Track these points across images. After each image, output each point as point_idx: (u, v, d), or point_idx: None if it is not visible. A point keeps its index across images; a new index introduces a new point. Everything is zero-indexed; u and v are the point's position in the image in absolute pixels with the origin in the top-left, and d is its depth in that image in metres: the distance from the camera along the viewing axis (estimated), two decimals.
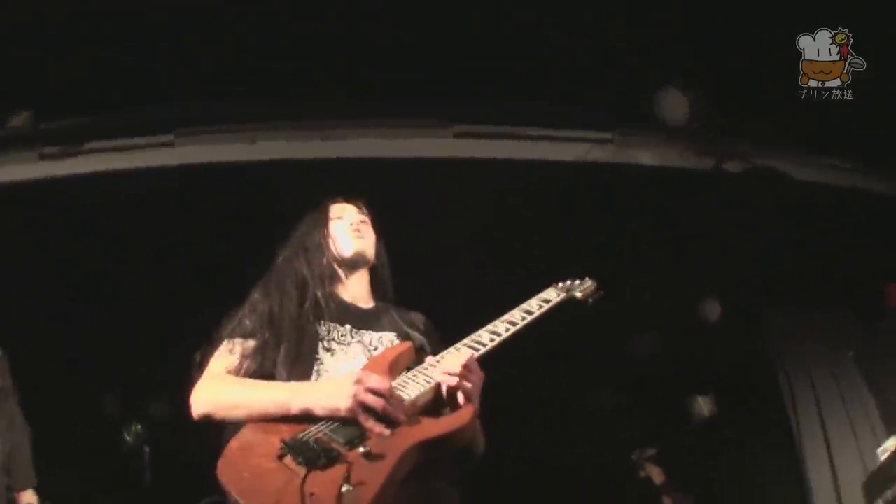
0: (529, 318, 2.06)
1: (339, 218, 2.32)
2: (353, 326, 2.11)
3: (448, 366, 1.82)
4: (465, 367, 1.80)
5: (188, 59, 4.12)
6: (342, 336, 2.08)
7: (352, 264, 2.24)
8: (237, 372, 1.98)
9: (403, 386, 1.82)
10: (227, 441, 1.75)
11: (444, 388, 1.80)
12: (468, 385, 1.78)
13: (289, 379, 1.94)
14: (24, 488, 3.84)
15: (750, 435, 5.25)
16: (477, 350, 1.90)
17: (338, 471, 1.57)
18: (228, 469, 1.66)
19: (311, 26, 3.85)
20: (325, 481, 1.55)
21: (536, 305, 2.12)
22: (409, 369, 1.93)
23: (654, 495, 5.20)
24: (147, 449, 4.58)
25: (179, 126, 4.37)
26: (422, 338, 2.13)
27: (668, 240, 4.56)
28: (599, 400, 5.35)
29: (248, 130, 4.31)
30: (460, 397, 1.79)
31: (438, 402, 1.82)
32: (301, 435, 1.69)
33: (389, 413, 1.69)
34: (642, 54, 4.11)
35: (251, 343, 2.03)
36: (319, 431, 1.69)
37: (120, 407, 5.09)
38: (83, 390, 5.06)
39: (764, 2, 3.77)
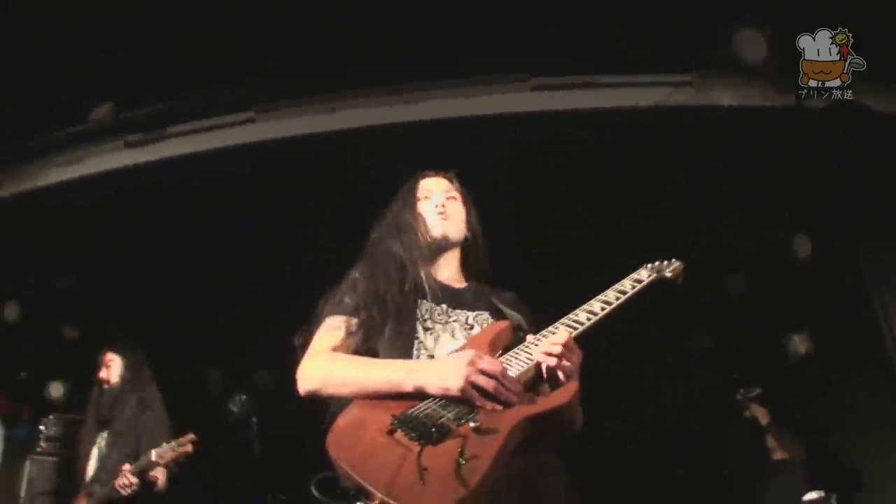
0: (623, 297, 2.09)
1: (426, 197, 2.33)
2: (449, 306, 2.15)
3: (548, 345, 1.86)
4: (565, 346, 1.84)
5: (261, 36, 4.15)
6: (439, 315, 2.12)
7: (438, 247, 2.26)
8: (343, 349, 2.02)
9: (506, 364, 1.86)
10: (333, 417, 1.81)
11: (544, 367, 1.85)
12: (568, 364, 1.83)
13: (389, 357, 1.99)
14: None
15: (850, 371, 5.17)
16: (574, 329, 1.94)
17: (450, 445, 1.61)
18: (340, 445, 1.71)
19: None
20: (439, 455, 1.59)
21: (629, 286, 2.16)
22: (508, 348, 1.97)
23: (760, 436, 5.14)
24: (254, 419, 4.66)
25: (258, 102, 4.41)
26: (519, 316, 2.16)
27: (753, 180, 4.49)
28: (696, 343, 5.31)
29: (327, 101, 4.31)
30: (560, 375, 1.83)
31: (539, 381, 1.89)
32: (411, 411, 1.74)
33: (501, 394, 1.74)
34: None
35: (354, 321, 2.06)
36: (428, 407, 1.74)
37: (223, 383, 5.21)
38: (186, 370, 5.19)
39: None
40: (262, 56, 4.25)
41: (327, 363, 1.98)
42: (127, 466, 3.94)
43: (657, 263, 2.29)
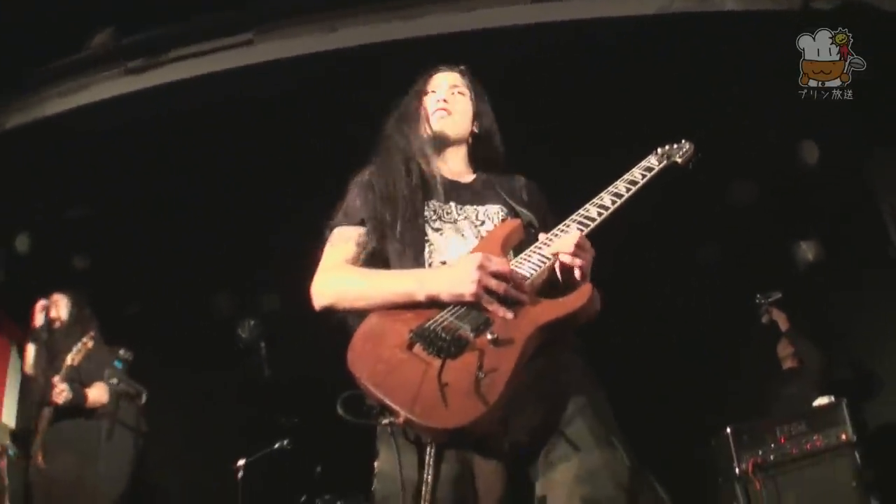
0: (634, 188, 2.06)
1: (432, 91, 2.31)
2: (457, 203, 2.12)
3: (560, 246, 1.84)
4: (578, 245, 1.82)
5: None
6: (448, 214, 2.09)
7: (440, 142, 2.23)
8: (354, 260, 2.02)
9: (519, 266, 1.85)
10: (352, 331, 1.80)
11: (557, 269, 1.84)
12: (581, 263, 1.81)
13: (401, 263, 1.98)
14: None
15: (860, 277, 5.23)
16: (586, 226, 1.93)
17: (469, 358, 1.62)
18: (360, 361, 1.71)
19: None
20: (458, 370, 1.60)
21: (639, 175, 2.12)
22: (519, 248, 1.95)
23: (779, 341, 5.17)
24: (263, 343, 4.77)
25: (258, 24, 4.38)
26: (529, 214, 2.12)
27: (758, 86, 4.46)
28: (706, 253, 5.35)
29: (326, 20, 4.28)
30: (576, 274, 1.81)
31: (553, 282, 1.86)
32: (428, 323, 1.73)
33: (512, 295, 1.73)
34: None
35: (363, 230, 2.06)
36: (445, 319, 1.73)
37: (232, 306, 5.31)
38: (194, 294, 5.29)
39: None
40: None
41: (339, 277, 1.99)
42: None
43: (667, 148, 2.27)
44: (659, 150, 2.26)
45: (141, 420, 5.18)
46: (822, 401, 4.59)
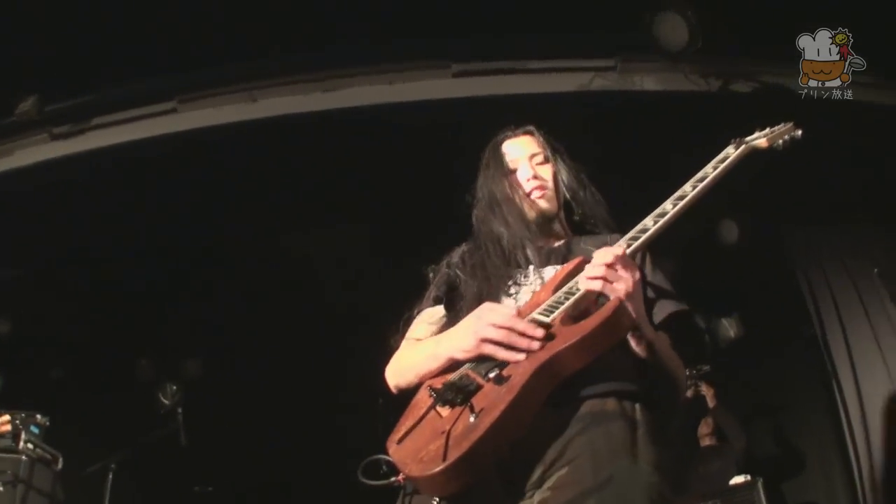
0: (701, 185, 1.84)
1: (514, 170, 2.20)
2: (537, 266, 2.03)
3: (591, 268, 1.71)
4: (610, 265, 1.67)
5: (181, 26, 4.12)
6: (524, 278, 2.00)
7: (541, 223, 2.14)
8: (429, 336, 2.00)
9: (554, 303, 1.73)
10: None
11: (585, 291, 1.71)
12: (611, 284, 1.65)
13: None
14: None
15: (779, 353, 5.21)
16: (637, 239, 1.76)
17: (473, 403, 1.57)
18: (393, 434, 1.71)
19: None
20: (457, 417, 1.57)
21: (711, 168, 1.91)
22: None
23: (705, 417, 5.10)
24: (180, 410, 4.66)
25: (181, 93, 4.39)
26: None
27: (678, 166, 4.47)
28: None
29: (249, 90, 4.30)
30: (602, 290, 1.67)
31: (595, 306, 1.73)
32: (450, 378, 1.72)
33: (516, 342, 1.65)
34: None
35: (439, 308, 2.04)
36: (466, 369, 1.72)
37: (154, 371, 5.22)
38: (116, 358, 5.21)
39: None
40: (183, 46, 4.21)
41: (398, 355, 2.00)
42: None
43: (756, 133, 2.02)
44: (746, 137, 2.03)
45: (57, 487, 4.98)
46: (738, 479, 4.54)
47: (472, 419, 1.51)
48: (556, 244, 2.13)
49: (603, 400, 1.64)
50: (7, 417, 4.21)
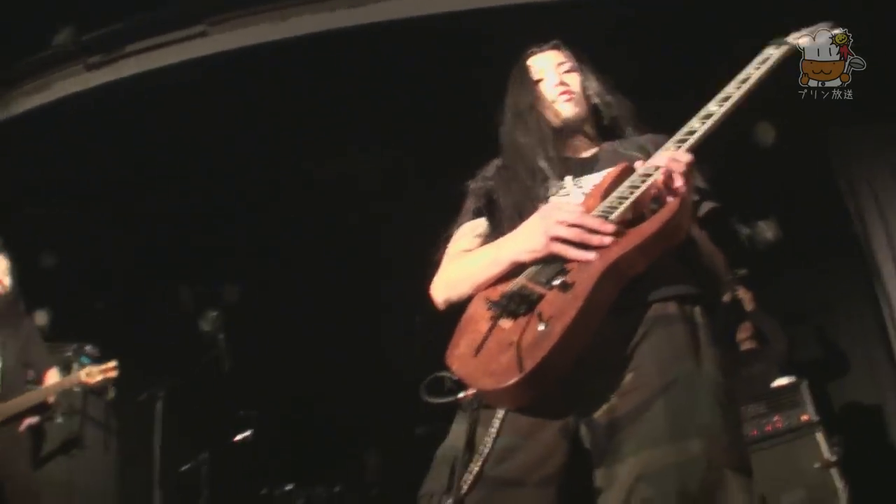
0: (746, 85, 1.80)
1: (541, 80, 2.18)
2: (574, 176, 1.99)
3: (649, 165, 1.68)
4: (672, 160, 1.62)
5: None
6: (561, 189, 1.96)
7: (570, 129, 2.11)
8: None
9: (609, 207, 1.69)
10: None
11: (650, 195, 1.67)
12: (676, 181, 1.61)
13: None
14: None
15: (820, 256, 5.15)
16: (685, 141, 1.72)
17: (537, 312, 1.54)
18: (451, 346, 1.68)
19: None
20: (524, 327, 1.53)
21: (753, 69, 1.86)
22: None
23: (743, 321, 5.07)
24: (222, 336, 4.72)
25: (209, 16, 4.36)
26: (640, 156, 1.93)
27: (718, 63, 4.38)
28: None
29: (277, 8, 4.27)
30: (672, 187, 1.62)
31: (651, 208, 1.70)
32: (508, 289, 1.67)
33: (587, 239, 1.60)
34: None
35: (480, 219, 2.02)
36: (523, 278, 1.67)
37: (193, 297, 5.29)
38: (156, 284, 5.28)
39: None
40: None
41: (445, 269, 1.98)
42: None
43: (794, 33, 1.95)
44: (786, 38, 1.95)
45: (111, 415, 5.16)
46: (782, 381, 4.52)
47: (541, 328, 1.49)
48: (587, 154, 2.11)
49: (664, 304, 1.64)
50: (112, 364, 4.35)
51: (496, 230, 1.94)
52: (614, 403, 1.55)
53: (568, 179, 1.98)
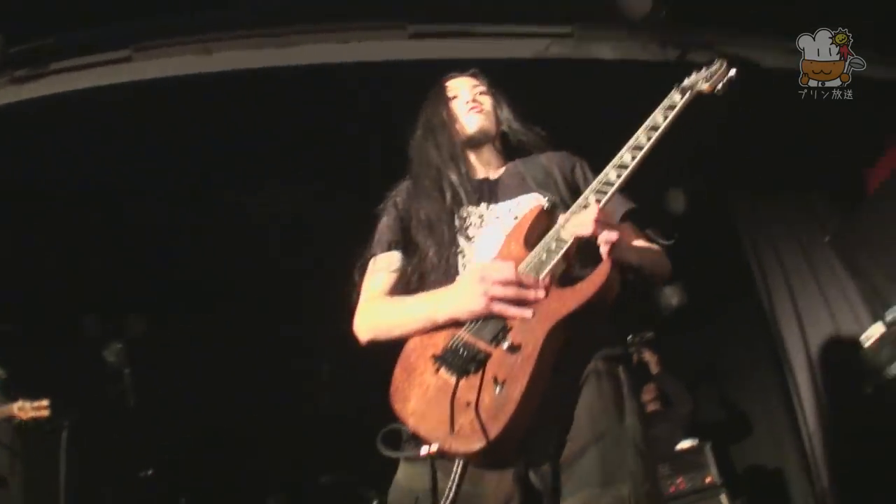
0: (656, 133, 1.92)
1: (455, 97, 2.35)
2: (489, 202, 2.11)
3: (577, 227, 1.77)
4: (597, 221, 1.73)
5: None
6: (478, 218, 2.08)
7: (477, 142, 2.26)
8: (393, 288, 2.05)
9: (539, 259, 1.80)
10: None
11: (574, 251, 1.80)
12: (605, 238, 1.71)
13: (436, 281, 1.99)
14: None
15: (725, 320, 5.29)
16: (605, 193, 1.82)
17: (489, 372, 1.63)
18: (397, 394, 1.76)
19: None
20: (479, 385, 1.63)
21: (661, 116, 1.96)
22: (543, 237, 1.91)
23: (649, 384, 5.17)
24: (127, 371, 4.66)
25: (136, 41, 4.33)
26: (554, 195, 2.06)
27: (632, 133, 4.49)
28: None
29: (204, 42, 4.26)
30: (602, 251, 1.73)
31: (583, 263, 1.83)
32: (450, 343, 1.76)
33: (525, 297, 1.72)
34: None
35: (396, 254, 2.09)
36: (465, 334, 1.76)
37: (100, 328, 5.18)
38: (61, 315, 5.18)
39: None
40: None
41: (373, 310, 2.03)
42: None
43: (692, 76, 2.09)
44: (686, 80, 2.09)
45: (17, 439, 5.06)
46: (685, 444, 4.62)
47: (498, 391, 1.58)
48: (494, 174, 2.23)
49: (595, 363, 1.79)
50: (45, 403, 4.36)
51: (411, 261, 2.05)
52: (556, 452, 1.70)
53: (483, 206, 2.09)
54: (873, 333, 4.26)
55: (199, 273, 5.30)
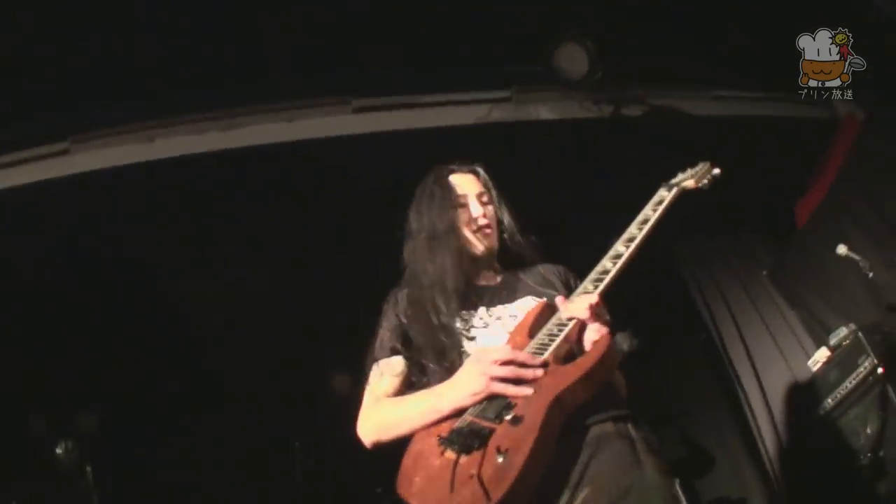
0: (646, 226, 2.09)
1: (463, 205, 2.30)
2: (488, 307, 2.16)
3: (574, 310, 1.89)
4: (591, 307, 1.87)
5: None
6: (480, 320, 2.13)
7: (483, 260, 2.29)
8: (397, 391, 2.08)
9: (541, 345, 1.89)
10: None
11: (575, 334, 1.90)
12: (596, 325, 1.87)
13: (441, 380, 2.00)
14: None
15: (678, 360, 5.42)
16: (601, 280, 1.96)
17: (492, 445, 1.68)
18: (402, 480, 1.81)
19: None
20: (483, 459, 1.67)
21: (650, 211, 2.15)
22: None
23: None
24: (89, 469, 4.42)
25: (74, 133, 4.23)
26: (553, 292, 2.16)
27: (574, 189, 4.64)
28: None
29: (145, 129, 4.19)
30: (592, 334, 1.87)
31: (577, 347, 1.91)
32: (456, 425, 1.82)
33: (523, 374, 1.79)
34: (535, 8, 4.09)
35: (398, 358, 2.12)
36: (470, 416, 1.82)
37: (46, 426, 4.91)
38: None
39: None
40: (76, 84, 4.06)
41: (376, 412, 2.06)
42: None
43: (679, 175, 2.28)
44: (673, 179, 2.28)
45: None
46: None
47: (500, 460, 1.63)
48: (493, 282, 2.29)
49: (603, 425, 1.84)
50: None
51: (413, 366, 2.08)
52: None
53: (482, 310, 2.14)
54: (819, 358, 4.42)
55: (149, 364, 5.14)
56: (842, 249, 4.24)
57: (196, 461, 4.91)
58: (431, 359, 2.05)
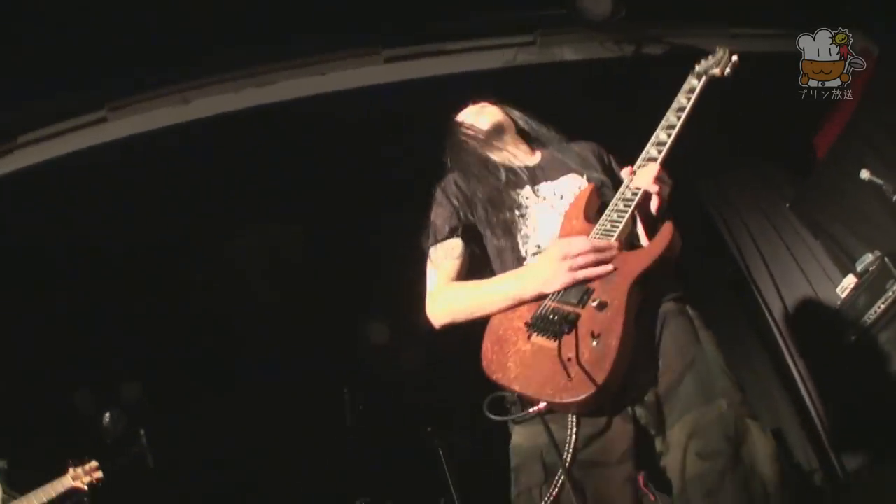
0: (684, 114, 2.16)
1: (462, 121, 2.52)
2: (532, 184, 2.26)
3: (640, 181, 2.00)
4: (658, 179, 1.98)
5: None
6: (527, 199, 2.23)
7: (495, 133, 2.42)
8: (459, 274, 2.18)
9: (603, 229, 2.00)
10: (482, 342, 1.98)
11: (638, 216, 2.00)
12: (659, 201, 1.96)
13: (501, 258, 2.16)
14: None
15: (710, 298, 5.48)
16: (655, 159, 2.06)
17: (582, 329, 1.80)
18: (493, 365, 1.89)
19: None
20: (575, 343, 1.78)
21: (685, 99, 2.21)
22: (601, 210, 2.09)
23: None
24: (143, 432, 4.48)
25: (110, 101, 4.26)
26: (600, 175, 2.27)
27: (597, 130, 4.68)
28: None
29: (180, 91, 4.23)
30: (653, 206, 1.97)
31: (645, 221, 2.01)
32: (538, 311, 1.92)
33: (604, 260, 1.91)
34: None
35: (456, 240, 2.21)
36: (552, 302, 1.92)
37: (93, 401, 4.95)
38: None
39: None
40: (109, 53, 4.08)
41: (448, 297, 2.14)
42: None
43: (703, 63, 2.33)
44: (696, 66, 2.33)
45: None
46: None
47: (594, 343, 1.76)
48: (532, 161, 2.39)
49: (668, 304, 1.99)
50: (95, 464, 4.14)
51: (471, 246, 2.19)
52: (655, 386, 1.88)
53: (528, 189, 2.25)
54: (847, 285, 4.50)
55: (190, 328, 5.19)
56: (865, 174, 4.33)
57: (249, 420, 4.98)
58: (489, 235, 2.18)
